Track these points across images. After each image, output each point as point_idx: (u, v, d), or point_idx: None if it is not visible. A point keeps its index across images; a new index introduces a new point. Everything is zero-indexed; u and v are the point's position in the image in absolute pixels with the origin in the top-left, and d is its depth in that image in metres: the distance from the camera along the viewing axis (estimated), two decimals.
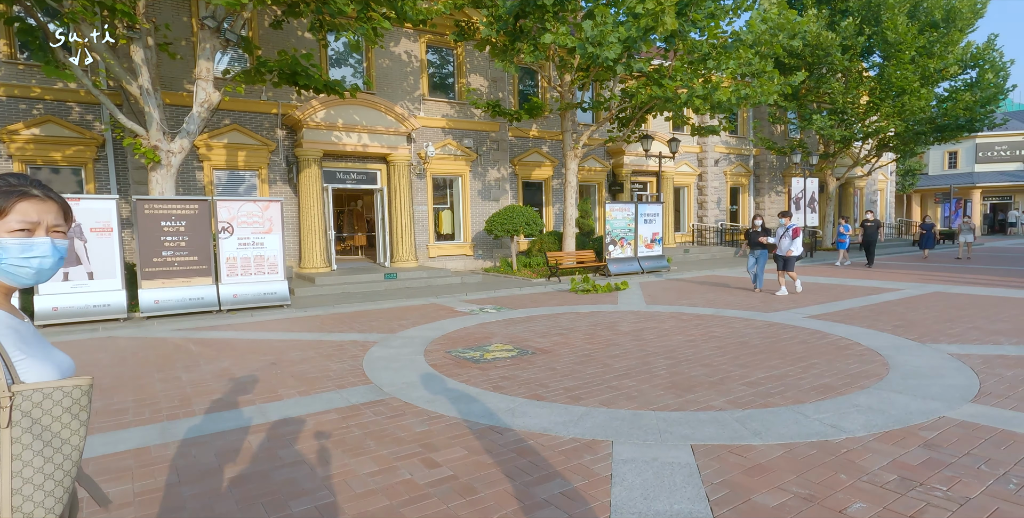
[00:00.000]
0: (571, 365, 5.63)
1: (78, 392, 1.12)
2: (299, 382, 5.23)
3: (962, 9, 19.69)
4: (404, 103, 14.84)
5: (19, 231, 1.13)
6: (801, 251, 10.65)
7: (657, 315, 8.52)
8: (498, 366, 5.64)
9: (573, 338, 6.94)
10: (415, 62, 15.01)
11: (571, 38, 11.09)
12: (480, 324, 8.06)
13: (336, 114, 13.25)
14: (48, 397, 1.08)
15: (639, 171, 20.56)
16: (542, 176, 17.88)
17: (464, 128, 15.78)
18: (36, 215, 1.15)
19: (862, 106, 20.93)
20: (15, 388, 1.05)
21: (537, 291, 11.91)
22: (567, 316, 8.60)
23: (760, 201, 24.88)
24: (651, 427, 3.82)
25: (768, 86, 13.10)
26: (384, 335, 7.37)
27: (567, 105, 14.02)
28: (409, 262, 14.32)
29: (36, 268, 1.16)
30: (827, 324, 7.52)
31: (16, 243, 1.13)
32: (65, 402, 1.09)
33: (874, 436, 3.58)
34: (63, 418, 1.09)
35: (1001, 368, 5.17)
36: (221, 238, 9.54)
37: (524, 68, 17.42)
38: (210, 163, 12.54)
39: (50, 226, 1.18)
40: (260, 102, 12.91)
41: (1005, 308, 8.55)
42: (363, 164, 14.37)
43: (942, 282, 11.96)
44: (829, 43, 18.85)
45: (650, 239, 15.43)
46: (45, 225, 1.17)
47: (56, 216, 1.19)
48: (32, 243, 1.14)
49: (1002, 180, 37.43)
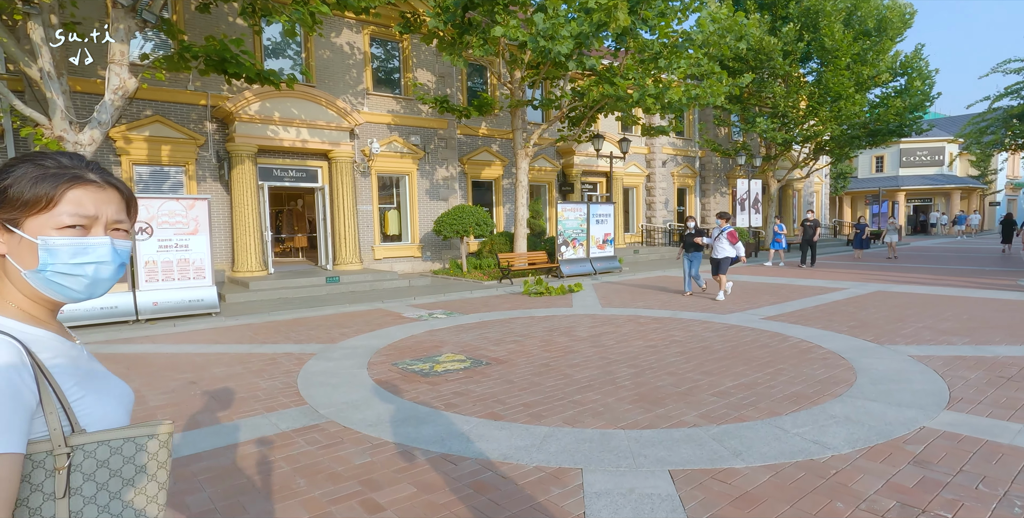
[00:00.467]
0: (529, 376, 5.21)
1: (155, 444, 0.91)
2: (221, 405, 4.57)
3: (892, 19, 20.60)
4: (347, 97, 14.08)
5: (70, 228, 0.87)
6: (741, 253, 10.18)
7: (614, 319, 8.23)
8: (450, 380, 5.15)
9: (529, 345, 6.52)
10: (358, 54, 14.27)
11: (522, 32, 10.70)
12: (429, 331, 7.54)
13: (272, 107, 12.38)
14: (117, 452, 0.87)
15: (589, 171, 20.44)
16: (492, 175, 17.44)
17: (411, 125, 15.15)
18: (93, 207, 0.90)
19: (802, 110, 21.57)
20: (74, 440, 0.84)
21: (489, 294, 11.45)
22: (521, 321, 8.19)
23: (706, 202, 25.32)
24: (623, 449, 3.44)
25: (717, 87, 13.13)
26: (323, 345, 6.73)
27: (517, 102, 13.64)
28: (353, 265, 13.57)
29: (91, 277, 0.90)
30: (784, 326, 7.42)
31: (67, 244, 0.87)
32: (139, 458, 0.89)
33: (860, 453, 3.32)
34: (136, 481, 0.88)
35: (963, 370, 5.10)
36: (139, 240, 8.60)
37: (473, 64, 16.94)
38: (129, 158, 11.43)
39: (110, 222, 0.92)
40: (186, 92, 11.89)
41: (946, 306, 8.73)
42: (303, 161, 13.52)
43: (881, 281, 12.28)
44: (771, 48, 19.29)
45: (602, 240, 15.25)
46: (104, 221, 0.91)
47: (118, 209, 0.93)
48: (87, 244, 0.89)
49: (923, 183, 39.76)
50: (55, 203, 0.86)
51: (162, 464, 0.92)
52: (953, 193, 40.25)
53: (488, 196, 17.67)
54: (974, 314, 8.03)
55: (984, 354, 5.68)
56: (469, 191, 16.96)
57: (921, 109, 21.35)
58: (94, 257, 0.89)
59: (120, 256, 0.92)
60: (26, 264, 0.87)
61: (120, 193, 0.94)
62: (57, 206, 0.86)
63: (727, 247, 10.05)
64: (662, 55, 12.59)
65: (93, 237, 0.89)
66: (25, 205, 0.85)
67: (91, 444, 0.85)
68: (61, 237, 0.86)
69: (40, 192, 0.86)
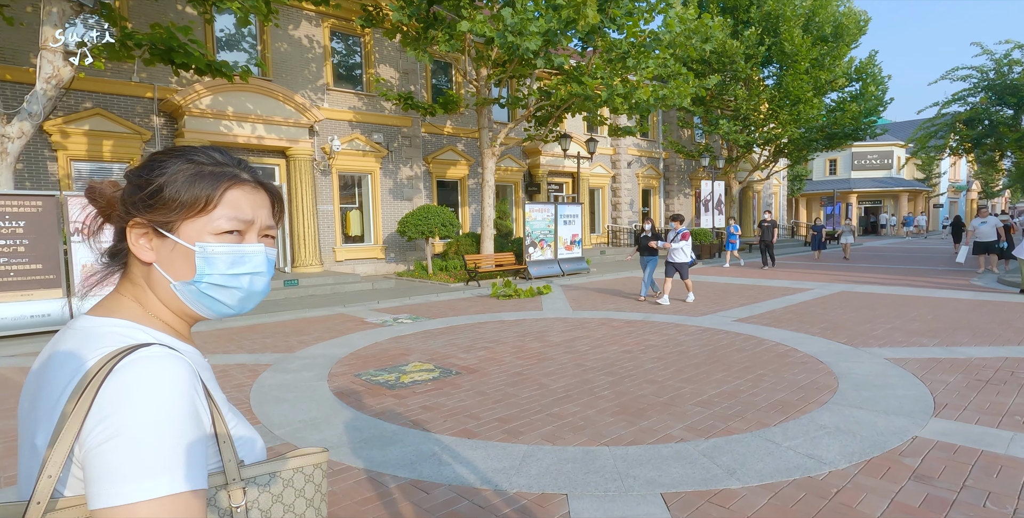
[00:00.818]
0: (502, 387, 4.91)
1: (319, 474, 0.84)
2: None
3: (848, 25, 21.17)
4: (306, 92, 13.50)
5: (227, 234, 0.77)
6: (692, 258, 9.79)
7: (586, 322, 8.01)
8: (418, 392, 4.80)
9: (501, 352, 6.22)
10: (318, 48, 13.70)
11: (489, 27, 10.39)
12: (394, 338, 7.15)
13: (225, 101, 11.73)
14: (289, 485, 0.80)
15: (556, 172, 20.29)
16: (457, 175, 17.07)
17: (373, 122, 14.65)
18: (250, 211, 0.79)
19: (763, 113, 21.94)
20: (247, 472, 0.75)
21: (455, 297, 11.10)
22: (491, 326, 7.88)
23: (670, 203, 25.53)
24: (609, 470, 3.17)
25: (684, 88, 13.11)
26: (280, 355, 6.28)
27: (484, 100, 13.33)
28: (313, 267, 13.01)
29: (246, 290, 0.79)
30: (758, 328, 7.33)
31: (226, 252, 0.76)
32: (308, 491, 0.81)
33: (857, 468, 3.15)
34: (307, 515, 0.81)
35: (941, 374, 5.05)
36: (75, 242, 7.93)
37: (438, 62, 16.54)
38: (67, 153, 10.62)
39: (262, 227, 0.81)
40: (131, 84, 11.14)
41: (910, 307, 8.84)
42: (259, 158, 12.88)
43: (843, 281, 12.47)
44: (734, 51, 19.53)
45: (570, 241, 15.09)
46: (258, 226, 0.80)
47: (268, 214, 0.83)
48: (244, 252, 0.78)
49: (874, 186, 41.22)
50: (214, 205, 0.76)
51: (324, 496, 0.85)
52: (901, 195, 41.85)
53: (453, 196, 17.29)
54: (938, 314, 8.14)
55: (957, 356, 5.68)
56: (434, 191, 16.55)
57: (875, 114, 22.01)
58: (250, 267, 0.79)
59: (271, 266, 0.83)
60: (178, 274, 0.77)
61: (269, 195, 0.84)
62: (216, 209, 0.76)
63: (686, 250, 9.70)
64: (630, 55, 12.49)
65: (249, 244, 0.79)
66: (182, 207, 0.75)
67: (263, 476, 0.78)
68: (220, 244, 0.77)
69: (200, 193, 0.76)
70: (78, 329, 0.74)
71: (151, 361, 0.67)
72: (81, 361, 0.69)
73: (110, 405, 0.63)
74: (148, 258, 0.76)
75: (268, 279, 0.83)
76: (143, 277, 0.79)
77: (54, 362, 0.72)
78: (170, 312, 0.80)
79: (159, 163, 0.77)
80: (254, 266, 0.79)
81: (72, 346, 0.72)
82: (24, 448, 0.71)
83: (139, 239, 0.76)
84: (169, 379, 0.66)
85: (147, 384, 0.65)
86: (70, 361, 0.70)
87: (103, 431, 0.62)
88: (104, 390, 0.64)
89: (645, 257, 10.20)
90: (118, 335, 0.72)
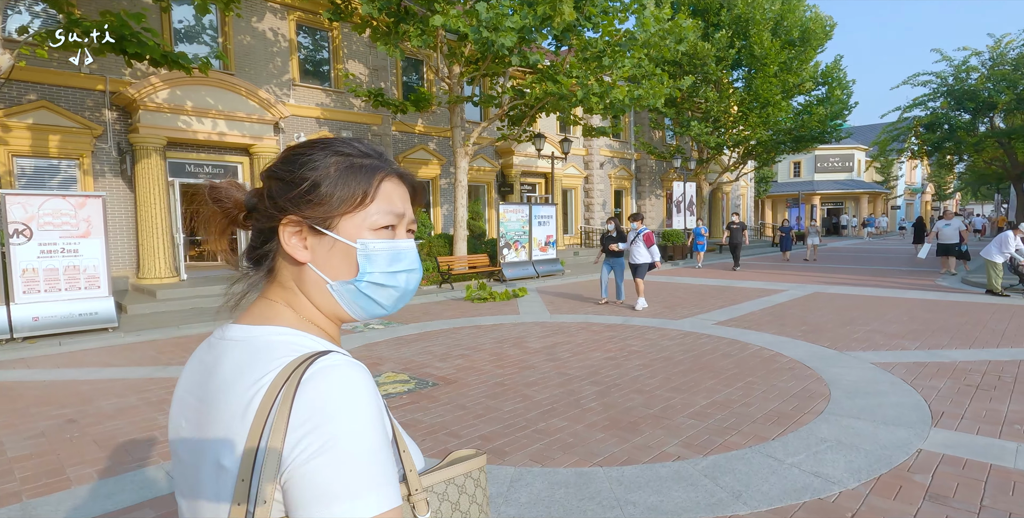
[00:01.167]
0: (483, 399, 4.61)
1: (483, 477, 0.83)
2: (105, 452, 3.69)
3: (816, 30, 21.52)
4: (270, 88, 12.95)
5: (384, 229, 0.74)
6: (657, 258, 9.37)
7: (565, 327, 7.77)
8: (393, 406, 4.47)
9: (479, 361, 5.93)
10: (283, 42, 13.16)
11: (463, 22, 10.08)
12: (366, 345, 6.78)
13: (184, 95, 11.12)
14: (463, 491, 0.78)
15: (529, 172, 20.07)
16: (429, 175, 16.69)
17: (342, 119, 14.17)
18: (401, 204, 0.76)
19: (733, 115, 22.16)
20: (427, 481, 0.74)
21: (428, 300, 10.75)
22: (467, 331, 7.57)
23: (642, 204, 25.59)
24: (606, 496, 2.91)
25: (659, 89, 13.02)
26: None
27: (457, 98, 13.00)
28: None
29: (402, 288, 0.75)
30: (739, 332, 7.21)
31: (385, 248, 0.73)
32: (478, 496, 0.80)
33: (867, 486, 2.96)
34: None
35: (930, 379, 4.97)
36: (14, 244, 7.31)
37: (408, 59, 16.14)
38: (8, 148, 9.89)
39: (409, 221, 0.78)
40: (80, 75, 10.45)
41: (885, 308, 8.88)
42: (220, 156, 12.29)
43: (814, 282, 12.55)
44: (705, 53, 19.64)
45: (544, 242, 14.87)
46: (406, 220, 0.77)
47: (411, 207, 0.80)
48: (400, 248, 0.75)
49: (836, 188, 42.30)
50: (371, 199, 0.72)
51: (488, 498, 0.83)
52: (862, 197, 43.05)
53: (425, 196, 16.89)
54: (914, 316, 8.17)
55: (941, 360, 5.62)
56: None
57: (841, 117, 22.45)
58: (406, 264, 0.75)
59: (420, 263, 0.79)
60: (336, 274, 0.72)
61: (411, 187, 0.79)
62: (372, 203, 0.72)
63: (644, 252, 9.34)
64: (606, 54, 12.33)
65: (404, 240, 0.76)
66: (341, 202, 0.71)
67: (440, 484, 0.76)
68: (380, 240, 0.73)
69: (358, 186, 0.72)
70: (237, 340, 0.70)
71: (337, 370, 0.63)
72: (258, 375, 0.64)
73: (310, 420, 0.59)
74: (303, 258, 0.72)
75: (420, 276, 0.79)
76: (293, 279, 0.74)
77: (222, 378, 0.67)
78: (322, 315, 0.75)
79: (306, 157, 0.72)
80: (409, 263, 0.76)
81: (239, 359, 0.67)
82: (204, 470, 0.65)
83: (292, 238, 0.72)
84: (360, 388, 0.63)
85: (342, 395, 0.61)
86: (244, 375, 0.65)
87: (307, 448, 0.58)
88: (298, 404, 0.60)
89: (610, 259, 9.83)
90: (288, 344, 0.67)
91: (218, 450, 0.64)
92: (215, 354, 0.70)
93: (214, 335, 0.74)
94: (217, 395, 0.66)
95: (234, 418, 0.63)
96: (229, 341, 0.70)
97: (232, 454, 0.62)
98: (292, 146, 0.75)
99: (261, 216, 0.73)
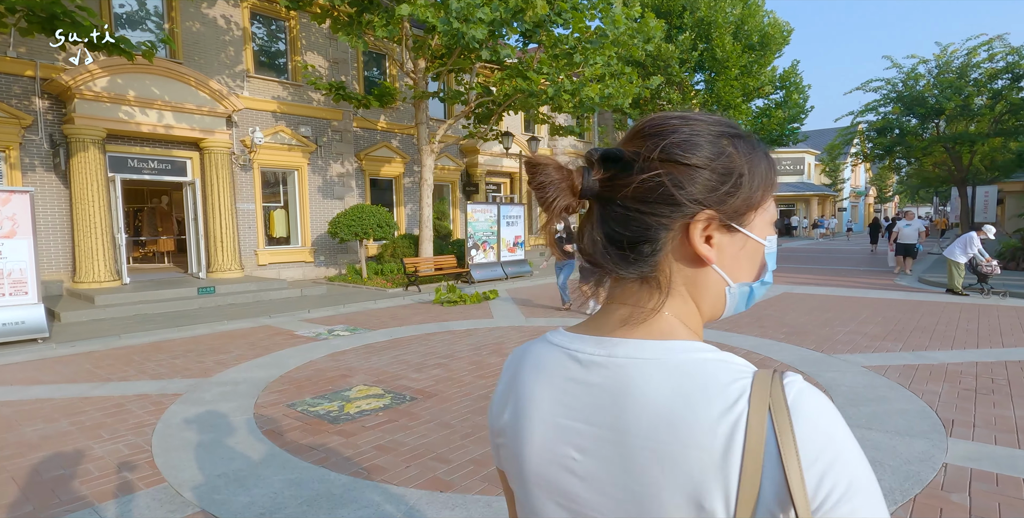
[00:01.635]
0: (468, 415, 4.21)
1: None
2: (25, 493, 3.11)
3: (774, 35, 21.98)
4: (222, 78, 12.14)
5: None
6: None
7: (543, 330, 7.43)
8: (368, 426, 4.02)
9: (458, 370, 5.51)
10: (236, 30, 12.38)
11: (432, 12, 9.63)
12: (332, 355, 6.26)
13: (126, 84, 10.26)
14: None
15: (494, 171, 19.71)
16: (392, 173, 16.10)
17: (300, 114, 13.46)
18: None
19: None
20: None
21: (395, 304, 10.23)
22: (441, 338, 7.14)
23: None
24: None
25: (628, 88, 12.89)
26: (193, 381, 5.26)
27: (422, 94, 12.50)
28: (232, 272, 11.70)
29: (768, 286, 0.70)
30: (721, 334, 7.03)
31: (774, 247, 0.69)
32: None
33: (906, 509, 2.72)
34: None
35: (925, 383, 4.85)
36: None
37: (370, 53, 15.52)
38: None
39: None
40: (5, 60, 9.48)
41: (857, 309, 8.91)
42: (167, 150, 11.42)
43: (780, 282, 12.62)
44: (669, 55, 19.76)
45: (513, 242, 14.52)
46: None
47: None
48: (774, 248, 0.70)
49: (787, 190, 43.59)
50: (768, 198, 0.66)
51: None
52: (812, 199, 44.51)
53: (388, 195, 16.30)
54: (887, 316, 8.20)
55: (929, 362, 5.55)
56: (367, 190, 15.50)
57: (799, 120, 23.00)
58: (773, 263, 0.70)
59: None
60: (739, 275, 0.65)
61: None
62: (769, 202, 0.66)
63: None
64: (577, 50, 12.08)
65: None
66: (761, 195, 0.65)
67: None
68: (774, 236, 0.68)
69: (771, 177, 0.66)
70: (644, 359, 0.60)
71: (811, 394, 0.56)
72: (720, 405, 0.55)
73: (820, 457, 0.52)
74: (712, 258, 0.63)
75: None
76: (685, 283, 0.64)
77: (652, 406, 0.57)
78: (700, 321, 0.67)
79: (718, 141, 0.62)
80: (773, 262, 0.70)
81: (671, 384, 0.57)
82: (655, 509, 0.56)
83: (703, 236, 0.62)
84: (837, 411, 0.56)
85: (834, 423, 0.54)
86: (696, 405, 0.55)
87: (832, 490, 0.51)
88: (801, 438, 0.52)
89: (560, 261, 9.05)
90: (719, 363, 0.58)
91: (687, 489, 0.55)
92: (607, 375, 0.62)
93: (578, 351, 0.65)
94: (656, 426, 0.57)
95: (706, 453, 0.54)
96: (631, 359, 0.61)
97: (718, 494, 0.53)
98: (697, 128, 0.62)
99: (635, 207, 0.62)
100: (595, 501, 0.61)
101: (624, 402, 0.59)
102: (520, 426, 0.66)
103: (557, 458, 0.63)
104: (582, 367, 0.63)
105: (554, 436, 0.63)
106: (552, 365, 0.66)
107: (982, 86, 19.99)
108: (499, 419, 0.71)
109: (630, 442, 0.58)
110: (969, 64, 20.21)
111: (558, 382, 0.65)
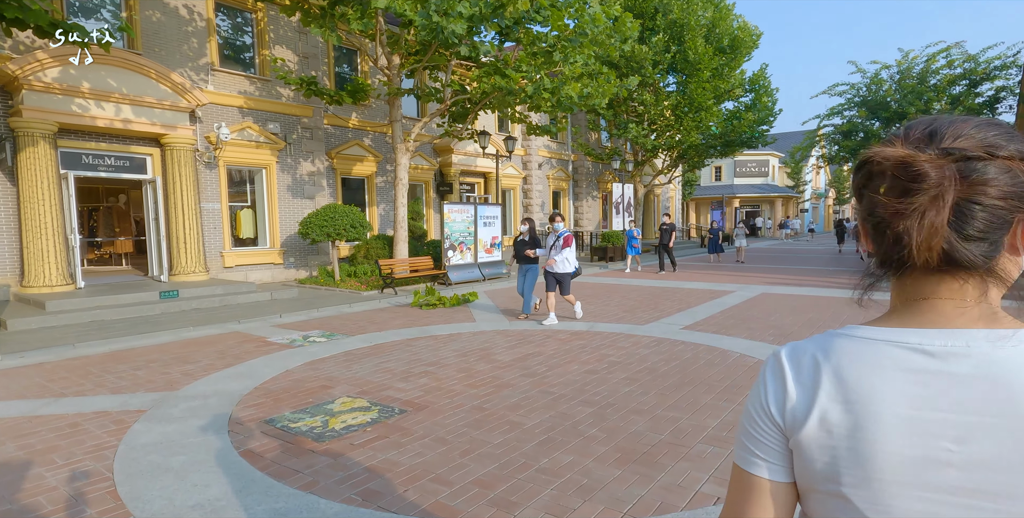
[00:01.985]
0: (465, 429, 3.95)
1: None
2: None
3: (744, 39, 22.25)
4: (185, 71, 11.54)
5: None
6: (576, 267, 8.19)
7: (530, 335, 7.20)
8: (356, 443, 3.71)
9: (446, 378, 5.23)
10: (200, 21, 11.79)
11: (410, 5, 9.30)
12: (310, 363, 5.90)
13: (80, 75, 9.63)
14: None
15: (468, 171, 19.40)
16: (365, 172, 15.64)
17: (269, 110, 12.92)
18: None
19: (668, 118, 22.51)
20: None
21: (371, 307, 9.86)
22: (424, 343, 6.83)
23: (579, 205, 25.54)
24: None
25: (607, 87, 12.79)
26: (158, 395, 4.84)
27: (397, 91, 12.14)
28: (197, 274, 11.12)
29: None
30: (711, 337, 6.92)
31: None
32: None
33: None
34: None
35: None
36: None
37: (342, 49, 15.05)
38: None
39: None
40: None
41: (838, 309, 8.95)
42: (125, 146, 10.78)
43: (757, 283, 12.71)
44: (642, 56, 19.78)
45: (490, 243, 14.26)
46: None
47: None
48: None
49: (753, 192, 44.51)
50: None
51: None
52: (776, 200, 45.54)
53: (360, 195, 15.83)
54: (868, 316, 8.21)
55: None
56: (339, 189, 15.01)
57: (768, 123, 23.37)
58: None
59: None
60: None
61: None
62: None
63: (570, 258, 8.05)
64: (556, 49, 11.90)
65: None
66: None
67: None
68: None
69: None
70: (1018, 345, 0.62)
71: None
72: None
73: None
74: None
75: None
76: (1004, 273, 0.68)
77: None
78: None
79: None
80: None
81: None
82: None
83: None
84: None
85: None
86: None
87: None
88: None
89: (524, 265, 8.54)
90: None
91: None
92: (974, 364, 0.62)
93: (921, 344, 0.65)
94: None
95: None
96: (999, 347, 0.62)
97: None
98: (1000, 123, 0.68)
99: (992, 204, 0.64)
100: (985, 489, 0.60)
101: (1012, 388, 0.60)
102: (864, 425, 0.64)
103: (929, 452, 0.62)
104: (936, 359, 0.64)
105: (918, 429, 0.63)
106: (884, 359, 0.66)
107: (941, 92, 20.66)
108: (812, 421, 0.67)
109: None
110: (928, 70, 20.87)
111: (902, 375, 0.65)
